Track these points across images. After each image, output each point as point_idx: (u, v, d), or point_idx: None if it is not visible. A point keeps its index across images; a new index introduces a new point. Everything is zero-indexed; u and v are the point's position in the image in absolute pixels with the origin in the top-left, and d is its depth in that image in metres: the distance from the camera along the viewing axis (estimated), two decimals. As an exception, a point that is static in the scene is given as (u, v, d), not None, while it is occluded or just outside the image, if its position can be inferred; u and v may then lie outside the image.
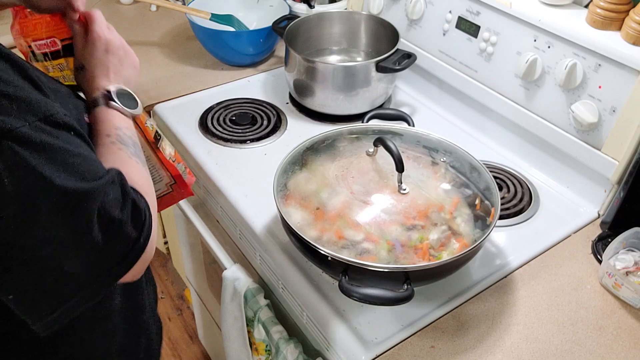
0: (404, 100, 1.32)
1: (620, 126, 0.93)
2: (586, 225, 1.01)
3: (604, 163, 0.97)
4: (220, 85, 1.35)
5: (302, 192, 0.88)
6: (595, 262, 0.94)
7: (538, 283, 0.90)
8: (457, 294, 0.88)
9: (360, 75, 1.18)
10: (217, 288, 1.19)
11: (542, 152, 1.10)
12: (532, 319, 0.85)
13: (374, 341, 0.81)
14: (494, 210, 0.84)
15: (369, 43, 1.36)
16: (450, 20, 1.17)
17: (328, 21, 1.36)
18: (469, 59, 1.16)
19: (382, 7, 1.32)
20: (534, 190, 1.07)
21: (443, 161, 0.94)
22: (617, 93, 0.92)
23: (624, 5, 0.93)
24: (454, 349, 0.80)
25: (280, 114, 1.26)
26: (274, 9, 1.48)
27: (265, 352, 1.01)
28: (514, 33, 1.06)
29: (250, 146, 1.16)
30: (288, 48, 1.22)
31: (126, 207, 0.62)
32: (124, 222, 0.61)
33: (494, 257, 0.94)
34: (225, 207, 1.07)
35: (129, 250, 0.62)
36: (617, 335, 0.83)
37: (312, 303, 0.87)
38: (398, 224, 0.83)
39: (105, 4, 1.76)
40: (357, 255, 0.79)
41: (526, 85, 1.06)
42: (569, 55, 0.97)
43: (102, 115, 0.74)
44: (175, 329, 1.96)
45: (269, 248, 0.95)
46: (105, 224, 0.59)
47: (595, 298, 0.88)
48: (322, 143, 0.96)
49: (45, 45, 0.84)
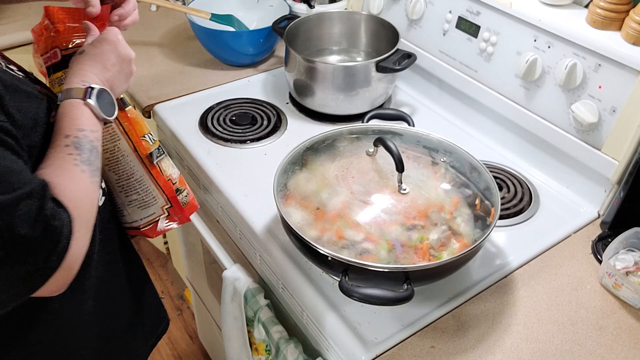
0: (404, 100, 1.32)
1: (620, 126, 0.93)
2: (586, 225, 1.01)
3: (604, 163, 0.97)
4: (220, 85, 1.35)
5: (302, 192, 0.88)
6: (595, 262, 0.94)
7: (538, 283, 0.90)
8: (457, 294, 0.88)
9: (360, 75, 1.18)
10: (217, 288, 1.19)
11: (542, 152, 1.10)
12: (532, 319, 0.85)
13: (374, 341, 0.81)
14: (494, 210, 0.84)
15: (369, 43, 1.36)
16: (450, 20, 1.17)
17: (328, 21, 1.36)
18: (469, 59, 1.16)
19: (382, 7, 1.32)
20: (534, 190, 1.07)
21: (443, 161, 0.94)
22: (617, 93, 0.92)
23: (624, 5, 0.93)
24: (454, 349, 0.81)
25: (280, 114, 1.26)
26: (274, 9, 1.48)
27: (265, 352, 1.01)
28: (514, 33, 1.06)
29: (250, 146, 1.16)
30: (288, 48, 1.22)
31: (38, 224, 0.59)
32: (32, 239, 0.58)
33: (494, 257, 0.94)
34: (225, 207, 1.07)
35: (36, 269, 0.60)
36: (617, 335, 0.83)
37: (312, 303, 0.87)
38: (398, 224, 0.83)
39: (105, 4, 1.76)
40: (357, 255, 0.79)
41: (526, 85, 1.06)
42: (569, 55, 0.97)
43: (71, 111, 0.70)
44: (175, 329, 1.96)
45: (269, 248, 0.95)
46: (8, 241, 0.57)
47: (595, 298, 0.88)
48: (322, 143, 0.96)
49: (49, 58, 0.83)
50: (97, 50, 0.77)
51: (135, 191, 0.86)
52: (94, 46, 0.77)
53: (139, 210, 0.89)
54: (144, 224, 0.90)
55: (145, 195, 0.86)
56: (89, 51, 0.77)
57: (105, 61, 0.76)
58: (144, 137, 0.83)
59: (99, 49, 0.77)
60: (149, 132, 0.85)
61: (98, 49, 0.77)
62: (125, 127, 0.82)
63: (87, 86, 0.72)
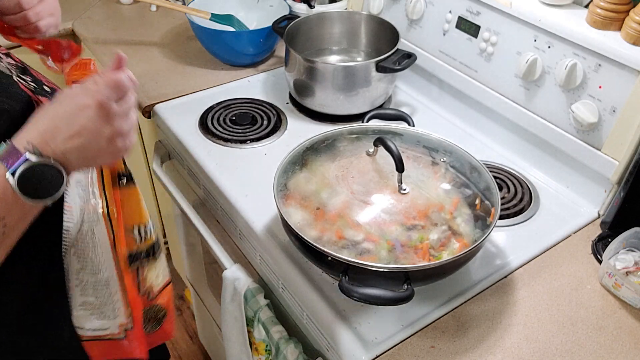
0: (404, 100, 1.32)
1: (620, 126, 0.93)
2: (586, 225, 1.01)
3: (604, 163, 0.97)
4: (220, 85, 1.35)
5: (302, 192, 0.88)
6: (595, 262, 0.94)
7: (538, 283, 0.90)
8: (457, 294, 0.88)
9: (360, 75, 1.18)
10: (217, 288, 1.19)
11: (542, 152, 1.10)
12: (532, 319, 0.85)
13: (374, 341, 0.81)
14: (494, 210, 0.84)
15: (369, 43, 1.36)
16: (450, 20, 1.17)
17: (328, 21, 1.35)
18: (469, 59, 1.16)
19: (382, 7, 1.32)
20: (534, 190, 1.07)
21: (443, 161, 0.94)
22: (617, 93, 0.92)
23: (624, 5, 0.93)
24: (454, 349, 0.80)
25: (280, 114, 1.26)
26: (274, 9, 1.48)
27: (265, 352, 1.01)
28: (514, 33, 1.06)
29: (250, 146, 1.16)
30: (288, 48, 1.22)
31: None
32: None
33: (494, 257, 0.94)
34: (225, 207, 1.07)
35: None
36: (617, 335, 0.83)
37: (312, 303, 0.87)
38: (398, 224, 0.83)
39: (105, 4, 1.76)
40: (357, 255, 0.79)
41: (526, 85, 1.06)
42: (569, 55, 0.97)
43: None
44: (175, 329, 1.96)
45: (269, 248, 0.95)
46: None
47: (595, 298, 0.88)
48: (322, 143, 0.96)
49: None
50: (62, 107, 0.57)
51: (94, 294, 0.67)
52: (64, 99, 0.58)
53: (90, 318, 0.68)
54: (88, 337, 0.69)
55: (104, 302, 0.66)
56: (54, 104, 0.58)
57: (68, 126, 0.56)
58: (133, 229, 0.65)
59: (64, 106, 0.57)
60: (145, 224, 0.66)
61: (63, 105, 0.57)
62: (111, 211, 0.64)
63: (18, 151, 0.52)
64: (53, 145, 0.54)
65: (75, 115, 0.56)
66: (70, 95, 0.58)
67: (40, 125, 0.55)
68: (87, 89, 0.57)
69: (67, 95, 0.58)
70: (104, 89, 0.57)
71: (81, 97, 0.57)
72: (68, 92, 0.58)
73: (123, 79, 0.59)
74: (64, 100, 0.57)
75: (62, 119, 0.55)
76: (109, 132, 0.57)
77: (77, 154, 0.56)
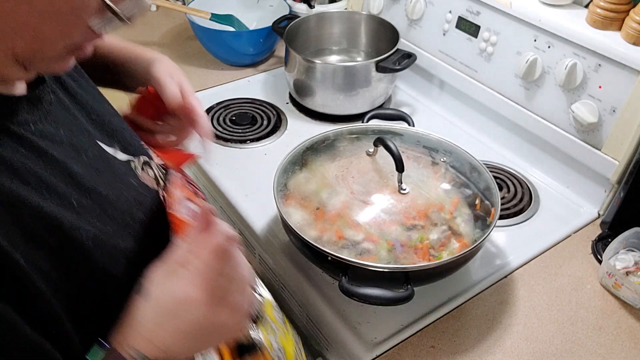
0: (404, 100, 1.32)
1: (620, 126, 0.93)
2: (586, 225, 1.01)
3: (604, 163, 0.97)
4: (220, 85, 1.35)
5: (302, 192, 0.88)
6: (595, 262, 0.94)
7: (538, 283, 0.90)
8: (457, 294, 0.88)
9: (360, 75, 1.18)
10: (217, 288, 1.19)
11: (542, 152, 1.10)
12: (532, 319, 0.85)
13: (374, 341, 0.81)
14: (494, 210, 0.84)
15: (369, 43, 1.36)
16: (450, 20, 1.17)
17: (328, 21, 1.35)
18: (469, 59, 1.16)
19: (382, 7, 1.32)
20: (534, 190, 1.07)
21: (443, 161, 0.94)
22: (617, 93, 0.92)
23: (624, 5, 0.93)
24: (454, 349, 0.80)
25: (280, 114, 1.26)
26: (274, 9, 1.48)
27: (265, 352, 1.01)
28: (514, 33, 1.06)
29: (250, 146, 1.16)
30: (288, 48, 1.22)
31: None
32: None
33: (494, 257, 0.94)
34: (225, 207, 1.07)
35: None
36: (617, 335, 0.83)
37: (312, 303, 0.87)
38: (398, 224, 0.83)
39: (105, 4, 1.76)
40: (357, 255, 0.79)
41: (526, 85, 1.06)
42: (569, 55, 0.97)
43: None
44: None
45: (269, 248, 0.95)
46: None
47: (595, 298, 0.88)
48: (322, 143, 0.96)
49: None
50: (162, 302, 0.47)
51: None
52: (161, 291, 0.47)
53: None
54: None
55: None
56: (151, 299, 0.47)
57: (174, 325, 0.46)
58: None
59: (164, 302, 0.47)
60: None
61: (162, 300, 0.47)
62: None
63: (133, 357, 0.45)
64: (158, 343, 0.46)
65: (179, 312, 0.46)
66: (169, 286, 0.47)
67: (142, 328, 0.46)
68: (186, 274, 0.47)
69: (164, 286, 0.47)
70: (204, 268, 0.47)
71: (182, 286, 0.47)
72: (163, 282, 0.47)
73: (224, 243, 0.48)
74: (160, 293, 0.47)
75: (163, 316, 0.46)
76: (224, 317, 0.48)
77: (187, 349, 0.48)
